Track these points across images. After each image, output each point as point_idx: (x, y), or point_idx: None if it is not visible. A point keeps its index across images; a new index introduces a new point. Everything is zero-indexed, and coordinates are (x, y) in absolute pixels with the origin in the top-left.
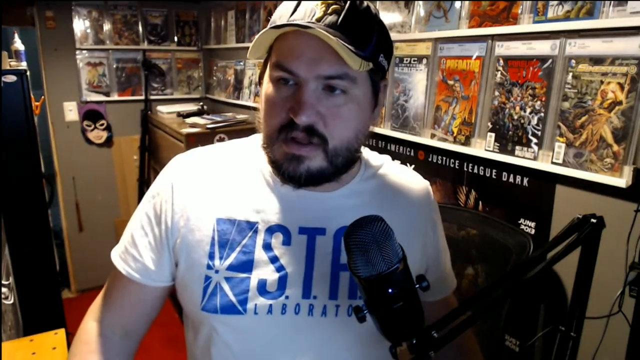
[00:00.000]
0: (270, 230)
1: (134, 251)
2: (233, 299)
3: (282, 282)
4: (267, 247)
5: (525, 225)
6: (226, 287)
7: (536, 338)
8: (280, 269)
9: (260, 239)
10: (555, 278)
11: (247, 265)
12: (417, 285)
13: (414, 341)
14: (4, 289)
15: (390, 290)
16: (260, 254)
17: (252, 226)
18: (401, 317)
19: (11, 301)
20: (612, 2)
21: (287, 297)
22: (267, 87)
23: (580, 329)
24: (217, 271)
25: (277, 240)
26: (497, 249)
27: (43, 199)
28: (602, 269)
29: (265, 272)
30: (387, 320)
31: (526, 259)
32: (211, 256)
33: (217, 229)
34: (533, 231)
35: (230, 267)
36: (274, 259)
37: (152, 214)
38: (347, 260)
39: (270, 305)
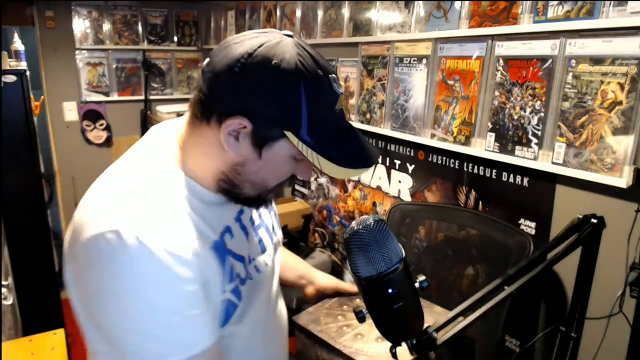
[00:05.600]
0: (223, 233)
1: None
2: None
3: (246, 270)
4: (228, 251)
5: (525, 225)
6: (231, 296)
7: (537, 338)
8: (241, 259)
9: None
10: (555, 278)
11: (232, 271)
12: (417, 285)
13: (414, 341)
14: (3, 290)
15: (390, 291)
16: (229, 258)
17: (217, 240)
18: (401, 317)
19: (10, 302)
20: (612, 2)
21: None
22: (284, 160)
23: (581, 330)
24: (225, 291)
25: (227, 238)
26: (497, 249)
27: (42, 199)
28: (603, 269)
29: (238, 268)
30: (387, 320)
31: (526, 259)
32: (222, 282)
33: (216, 258)
34: (533, 231)
35: (230, 280)
36: (237, 257)
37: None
38: (348, 261)
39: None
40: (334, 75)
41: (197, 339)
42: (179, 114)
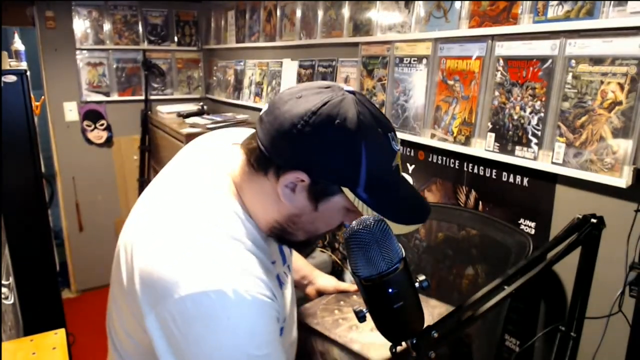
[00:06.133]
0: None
1: None
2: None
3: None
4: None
5: (525, 225)
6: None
7: (536, 338)
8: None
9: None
10: (555, 278)
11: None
12: (418, 285)
13: (414, 341)
14: (4, 289)
15: (390, 290)
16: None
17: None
18: (401, 317)
19: (11, 301)
20: (612, 2)
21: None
22: (338, 211)
23: (580, 329)
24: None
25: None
26: (497, 249)
27: (43, 199)
28: (602, 268)
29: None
30: (388, 320)
31: (526, 259)
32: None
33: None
34: (533, 231)
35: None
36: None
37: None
38: (348, 261)
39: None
40: (392, 132)
41: None
42: (180, 114)
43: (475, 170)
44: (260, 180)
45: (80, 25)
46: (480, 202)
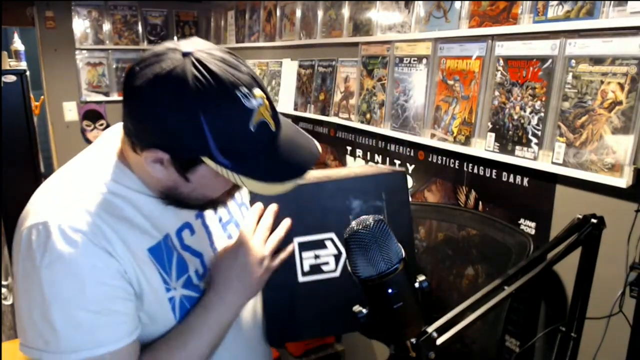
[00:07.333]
0: (179, 230)
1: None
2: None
3: (204, 266)
4: (185, 247)
5: (525, 225)
6: (186, 292)
7: (536, 338)
8: (199, 255)
9: (177, 243)
10: (555, 278)
11: (184, 267)
12: (418, 285)
13: (414, 341)
14: (3, 290)
15: (390, 291)
16: (184, 254)
17: (166, 238)
18: (401, 317)
19: (10, 302)
20: (612, 2)
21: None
22: (213, 178)
23: (581, 330)
24: (174, 288)
25: (186, 235)
26: (497, 249)
27: None
28: (603, 269)
29: (195, 264)
30: (387, 320)
31: (526, 259)
32: (165, 281)
33: (153, 260)
34: (533, 231)
35: (179, 276)
36: (195, 253)
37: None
38: (347, 261)
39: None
40: (245, 88)
41: (104, 340)
42: None
43: (475, 170)
44: (135, 154)
45: (80, 25)
46: (480, 202)
